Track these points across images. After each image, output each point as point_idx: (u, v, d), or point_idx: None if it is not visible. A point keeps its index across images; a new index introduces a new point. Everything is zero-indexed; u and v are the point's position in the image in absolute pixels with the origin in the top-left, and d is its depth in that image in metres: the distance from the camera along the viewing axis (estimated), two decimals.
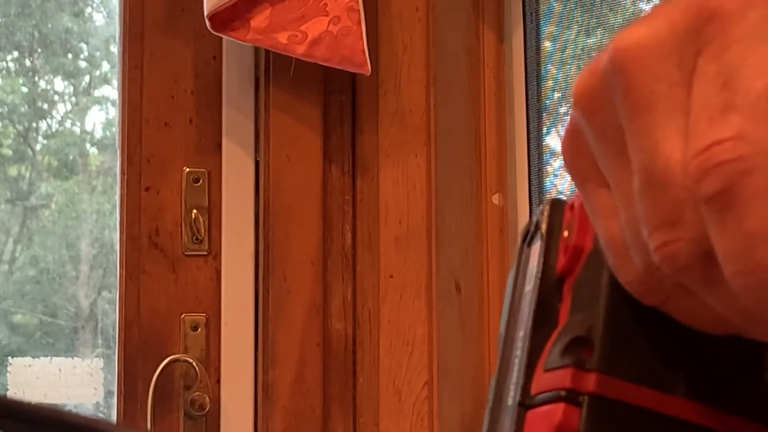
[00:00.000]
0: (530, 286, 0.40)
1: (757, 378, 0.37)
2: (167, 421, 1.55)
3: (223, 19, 1.50)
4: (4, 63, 2.20)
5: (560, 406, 0.35)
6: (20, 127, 2.22)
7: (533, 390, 0.37)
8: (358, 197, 1.61)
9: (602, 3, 1.57)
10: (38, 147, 2.22)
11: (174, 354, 1.56)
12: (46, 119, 2.25)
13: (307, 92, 1.59)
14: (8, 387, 1.96)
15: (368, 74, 1.52)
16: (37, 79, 2.24)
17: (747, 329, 0.33)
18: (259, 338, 1.57)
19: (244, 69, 1.61)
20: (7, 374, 1.95)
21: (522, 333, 0.39)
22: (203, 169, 1.60)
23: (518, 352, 0.39)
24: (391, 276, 1.57)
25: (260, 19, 1.51)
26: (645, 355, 0.36)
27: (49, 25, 2.18)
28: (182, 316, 1.57)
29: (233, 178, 1.59)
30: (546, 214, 0.41)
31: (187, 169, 1.60)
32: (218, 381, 1.57)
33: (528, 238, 0.42)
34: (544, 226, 0.40)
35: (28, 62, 2.24)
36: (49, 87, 2.25)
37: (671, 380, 0.36)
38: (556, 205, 0.41)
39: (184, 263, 1.58)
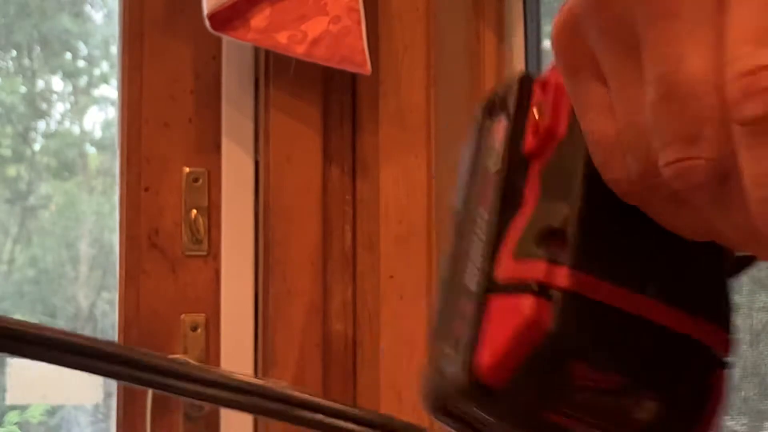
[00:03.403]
0: (493, 162, 0.39)
1: (721, 282, 0.37)
2: (167, 421, 1.54)
3: (223, 19, 1.50)
4: (3, 63, 2.19)
5: (530, 299, 0.35)
6: (19, 127, 2.22)
7: (500, 275, 0.36)
8: (358, 197, 1.61)
9: None
10: (37, 147, 2.22)
11: (174, 354, 1.56)
12: (45, 119, 2.25)
13: (307, 92, 1.59)
14: (7, 388, 1.96)
15: (368, 74, 1.52)
16: (36, 78, 2.24)
17: (750, 249, 0.33)
18: (258, 339, 1.57)
19: (243, 69, 1.61)
20: (6, 375, 1.95)
21: (484, 211, 0.38)
22: (203, 169, 1.60)
23: (480, 233, 0.38)
24: (391, 276, 1.57)
25: (260, 19, 1.50)
26: (619, 253, 0.35)
27: (48, 25, 2.18)
28: (182, 317, 1.57)
29: (233, 178, 1.59)
30: (514, 89, 0.39)
31: (187, 169, 1.59)
32: None
33: (490, 113, 0.40)
34: (512, 101, 0.39)
35: (27, 62, 2.23)
36: (47, 87, 2.25)
37: (643, 280, 0.35)
38: (525, 80, 0.39)
39: (184, 263, 1.58)
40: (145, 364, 0.30)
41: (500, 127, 0.39)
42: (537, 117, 0.38)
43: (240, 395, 0.31)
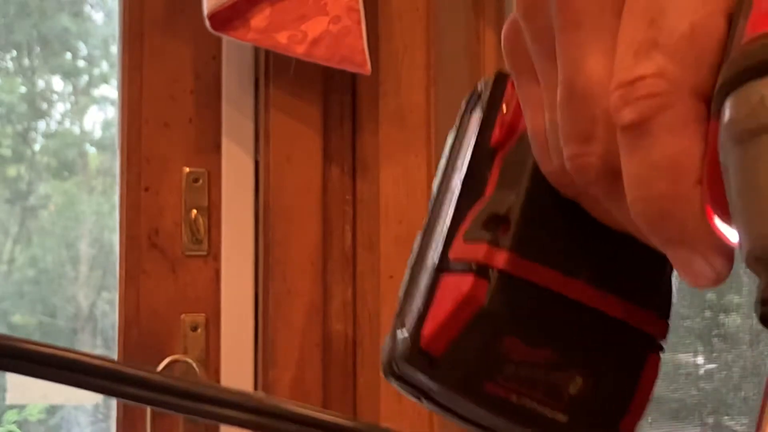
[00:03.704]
0: (464, 152, 0.42)
1: (658, 270, 0.39)
2: (167, 422, 1.54)
3: (223, 19, 1.50)
4: (3, 62, 2.19)
5: (470, 278, 0.38)
6: (19, 127, 2.22)
7: (451, 255, 0.40)
8: (358, 197, 1.61)
9: None
10: (37, 147, 2.22)
11: (174, 354, 1.56)
12: (45, 119, 2.25)
13: (307, 92, 1.59)
14: (7, 388, 1.96)
15: (368, 74, 1.52)
16: (36, 78, 2.24)
17: (642, 239, 0.35)
18: (258, 339, 1.57)
19: (243, 69, 1.60)
20: (6, 375, 1.95)
21: (450, 196, 0.41)
22: (203, 169, 1.60)
23: (444, 215, 0.41)
24: (391, 276, 1.57)
25: (260, 19, 1.50)
26: (556, 240, 0.38)
27: (48, 25, 2.18)
28: (182, 317, 1.57)
29: (233, 178, 1.59)
30: (489, 85, 0.42)
31: (187, 169, 1.59)
32: (218, 382, 1.56)
33: (470, 106, 0.43)
34: (485, 97, 0.42)
35: (26, 62, 2.23)
36: (47, 86, 2.25)
37: (578, 266, 0.38)
38: (500, 77, 0.42)
39: (184, 263, 1.58)
40: (141, 380, 0.30)
41: (475, 120, 0.42)
42: (504, 111, 0.41)
43: (239, 412, 0.31)
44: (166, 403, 0.31)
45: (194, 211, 1.59)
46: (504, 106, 0.41)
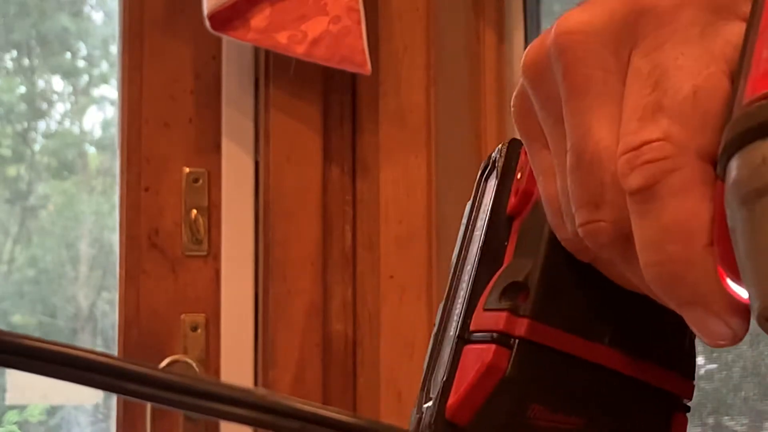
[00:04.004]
0: (482, 221, 0.42)
1: (680, 331, 0.39)
2: (167, 422, 1.54)
3: (223, 19, 1.50)
4: (3, 62, 2.19)
5: (492, 348, 0.38)
6: (19, 127, 2.22)
7: (472, 326, 0.40)
8: (358, 197, 1.61)
9: None
10: (37, 147, 2.22)
11: (174, 354, 1.56)
12: (45, 119, 2.25)
13: (307, 92, 1.59)
14: (7, 388, 1.96)
15: (368, 74, 1.52)
16: (35, 78, 2.24)
17: (657, 299, 0.36)
18: (258, 339, 1.57)
19: (243, 69, 1.60)
20: (6, 375, 1.95)
21: (469, 266, 0.42)
22: (203, 169, 1.60)
23: (464, 285, 0.42)
24: (392, 276, 1.57)
25: (260, 19, 1.50)
26: (576, 305, 0.39)
27: (48, 25, 2.18)
28: (182, 317, 1.57)
29: (233, 179, 1.59)
30: (503, 152, 0.43)
31: (187, 170, 1.59)
32: None
33: (486, 174, 0.44)
34: (500, 165, 0.43)
35: (26, 62, 2.23)
36: (47, 86, 2.25)
37: (598, 329, 0.38)
38: (514, 145, 0.43)
39: (184, 263, 1.58)
40: (143, 377, 0.30)
41: (490, 188, 0.43)
42: (519, 178, 0.41)
43: (240, 408, 0.31)
44: (170, 401, 0.31)
45: (194, 211, 1.59)
46: (518, 174, 0.42)
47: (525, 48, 1.65)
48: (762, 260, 0.29)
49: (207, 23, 1.49)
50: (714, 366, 1.47)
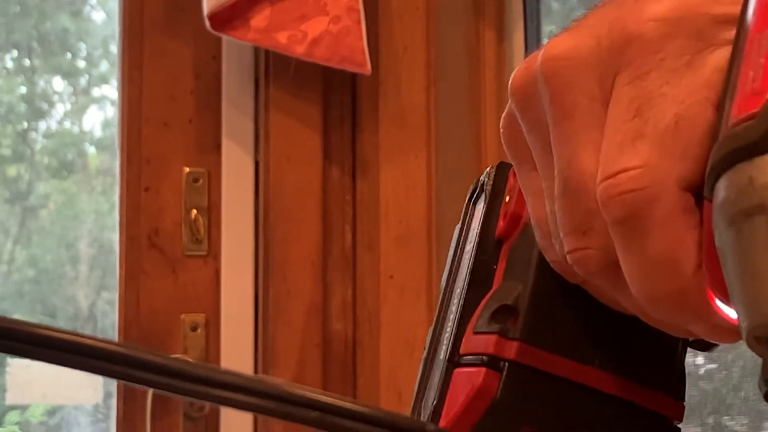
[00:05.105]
0: (471, 245, 0.42)
1: (670, 352, 0.40)
2: (167, 422, 1.54)
3: (223, 19, 1.50)
4: (3, 63, 2.19)
5: (482, 371, 0.38)
6: (19, 127, 2.22)
7: (462, 349, 0.40)
8: (358, 197, 1.61)
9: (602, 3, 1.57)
10: (37, 147, 2.22)
11: (174, 354, 1.56)
12: (45, 119, 2.25)
13: (307, 92, 1.59)
14: (7, 388, 1.96)
15: (368, 74, 1.52)
16: (36, 78, 2.24)
17: (650, 322, 0.36)
18: (258, 339, 1.57)
19: (243, 69, 1.60)
20: (6, 375, 1.95)
21: (459, 290, 0.42)
22: (203, 169, 1.60)
23: (454, 308, 0.42)
24: (392, 276, 1.57)
25: (260, 19, 1.50)
26: (566, 328, 0.39)
27: (48, 25, 2.18)
28: (182, 317, 1.57)
29: (233, 179, 1.59)
30: (492, 175, 0.43)
31: (187, 170, 1.59)
32: None
33: (474, 197, 0.44)
34: (488, 188, 0.43)
35: (26, 62, 2.23)
36: (47, 86, 2.25)
37: (589, 352, 0.38)
38: (502, 168, 0.43)
39: (184, 263, 1.58)
40: (150, 363, 0.30)
41: (479, 211, 0.43)
42: (507, 201, 0.41)
43: (245, 395, 0.31)
44: (184, 390, 0.31)
45: (194, 211, 1.59)
46: (507, 197, 0.42)
47: (525, 48, 1.65)
48: (750, 281, 0.29)
49: (207, 23, 1.49)
50: (714, 366, 1.47)
